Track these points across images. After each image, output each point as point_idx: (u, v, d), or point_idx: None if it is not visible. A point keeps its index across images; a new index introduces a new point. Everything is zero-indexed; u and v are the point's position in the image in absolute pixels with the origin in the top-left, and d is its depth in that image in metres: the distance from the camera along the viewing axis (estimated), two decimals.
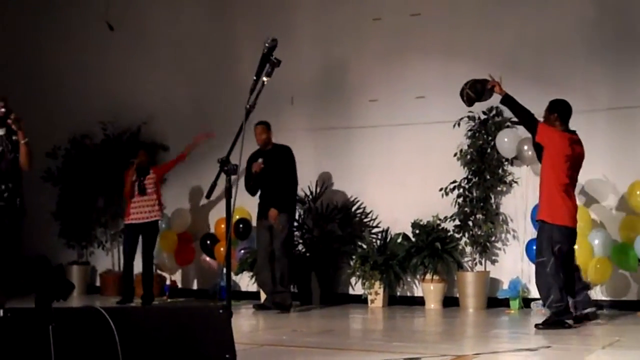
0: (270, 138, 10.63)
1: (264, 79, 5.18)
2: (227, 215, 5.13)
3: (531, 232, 10.74)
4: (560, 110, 8.51)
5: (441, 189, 10.87)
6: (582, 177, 9.15)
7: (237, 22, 12.94)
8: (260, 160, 10.45)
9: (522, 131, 10.74)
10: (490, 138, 10.91)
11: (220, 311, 4.68)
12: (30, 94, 14.25)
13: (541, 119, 8.60)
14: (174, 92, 13.21)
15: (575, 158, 8.41)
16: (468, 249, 11.00)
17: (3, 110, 8.19)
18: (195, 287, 13.03)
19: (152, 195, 11.47)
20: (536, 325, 8.34)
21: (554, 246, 8.28)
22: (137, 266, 11.50)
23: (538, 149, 8.63)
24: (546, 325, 8.26)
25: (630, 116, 10.43)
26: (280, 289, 10.34)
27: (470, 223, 10.90)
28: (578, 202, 9.60)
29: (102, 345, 4.17)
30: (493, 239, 10.98)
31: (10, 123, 8.21)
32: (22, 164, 8.22)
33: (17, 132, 8.20)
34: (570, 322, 8.25)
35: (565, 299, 8.31)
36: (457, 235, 10.98)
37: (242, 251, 12.06)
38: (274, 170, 10.44)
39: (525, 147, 10.56)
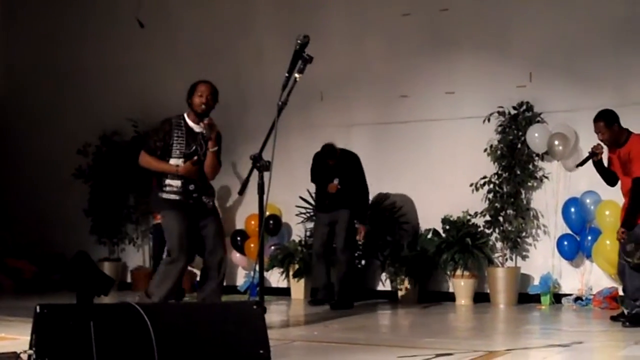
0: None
1: (296, 75, 5.19)
2: (259, 212, 5.15)
3: (562, 228, 10.71)
4: (616, 118, 8.34)
5: (471, 185, 10.83)
6: None
7: (266, 19, 12.95)
8: (336, 182, 10.44)
9: (552, 126, 10.72)
10: (520, 133, 10.86)
11: (254, 307, 4.70)
12: (60, 91, 14.39)
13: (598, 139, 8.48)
14: None
15: None
16: (498, 245, 10.96)
17: (204, 107, 7.71)
18: (224, 283, 13.05)
19: None
20: (623, 323, 8.10)
21: None
22: None
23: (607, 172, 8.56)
24: (634, 322, 8.05)
25: None
26: (343, 288, 10.39)
27: (501, 218, 10.86)
28: (611, 197, 9.55)
29: (138, 341, 4.20)
30: (524, 234, 10.93)
31: (203, 126, 7.72)
32: (205, 171, 7.71)
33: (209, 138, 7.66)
34: None
35: None
36: (487, 231, 10.95)
37: (273, 247, 12.10)
38: (344, 176, 10.51)
39: (556, 142, 10.51)
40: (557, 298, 10.60)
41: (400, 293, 11.10)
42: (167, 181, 7.70)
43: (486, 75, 11.32)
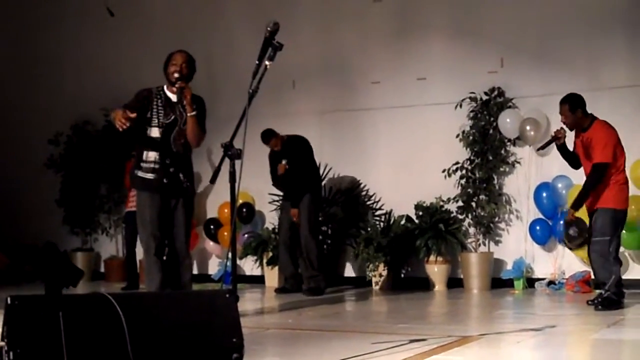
0: (280, 140, 10.65)
1: (267, 63, 5.15)
2: (231, 200, 5.12)
3: (534, 212, 10.76)
4: (581, 104, 8.20)
5: (444, 171, 10.86)
6: None
7: (237, 5, 12.90)
8: (284, 162, 10.51)
9: (524, 111, 10.75)
10: (492, 119, 10.90)
11: (227, 295, 4.68)
12: (31, 80, 14.27)
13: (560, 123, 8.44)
14: None
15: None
16: (471, 230, 11.01)
17: (176, 75, 7.39)
18: (196, 271, 13.03)
19: None
20: (596, 307, 8.06)
21: (619, 228, 8.19)
22: (139, 253, 11.52)
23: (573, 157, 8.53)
24: (605, 305, 8.05)
25: (634, 95, 10.40)
26: (312, 273, 10.35)
27: (474, 204, 10.89)
28: (582, 182, 9.55)
29: (110, 331, 4.17)
30: (496, 219, 10.99)
31: (174, 90, 7.45)
32: (188, 138, 7.43)
33: (185, 102, 7.37)
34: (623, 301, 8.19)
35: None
36: (460, 217, 10.98)
37: (246, 235, 12.08)
38: (290, 161, 10.52)
39: (528, 128, 10.55)
40: (530, 282, 10.65)
41: (374, 279, 11.11)
42: (145, 153, 7.41)
43: (457, 61, 11.34)
